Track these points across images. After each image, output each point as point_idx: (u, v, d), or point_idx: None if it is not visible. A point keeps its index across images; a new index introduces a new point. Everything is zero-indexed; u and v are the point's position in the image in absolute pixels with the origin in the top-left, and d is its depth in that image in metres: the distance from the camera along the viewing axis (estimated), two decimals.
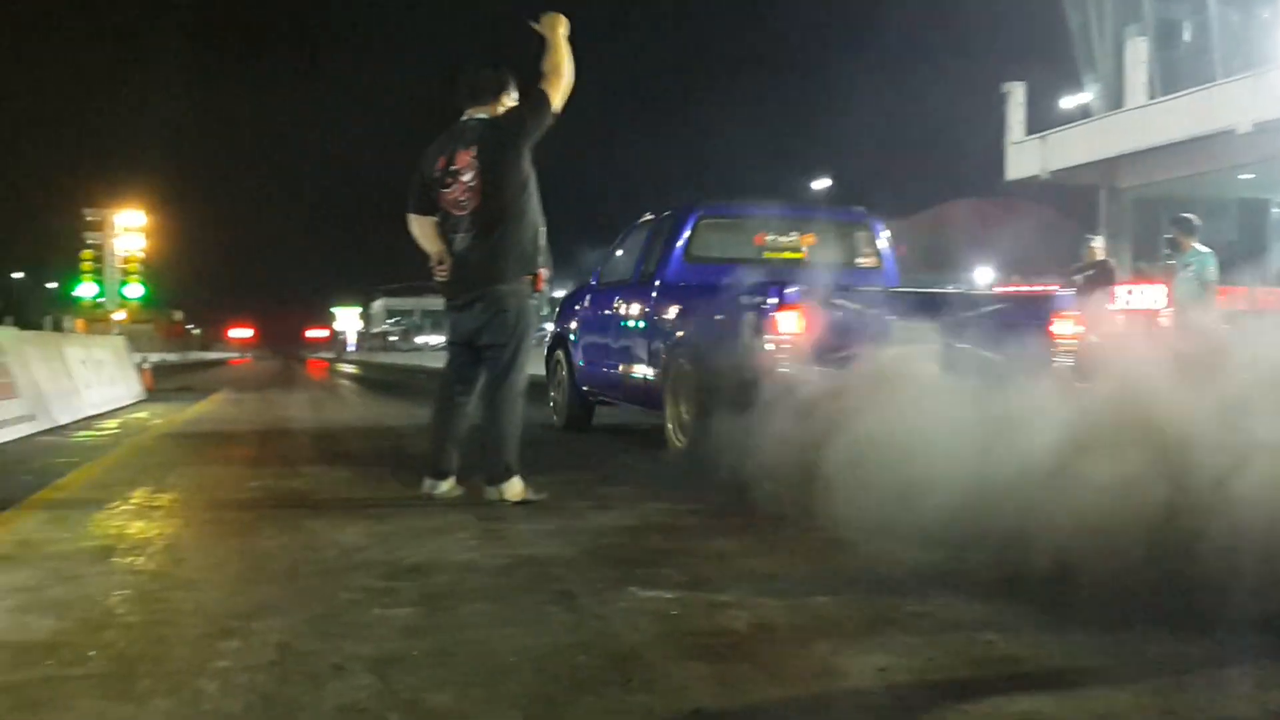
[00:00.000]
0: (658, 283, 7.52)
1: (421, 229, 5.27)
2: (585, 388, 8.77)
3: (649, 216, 8.33)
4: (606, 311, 8.36)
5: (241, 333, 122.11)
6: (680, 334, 6.98)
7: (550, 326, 10.27)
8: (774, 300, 5.93)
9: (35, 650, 2.71)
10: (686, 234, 7.53)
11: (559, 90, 5.08)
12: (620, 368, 7.93)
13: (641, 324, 7.62)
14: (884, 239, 8.00)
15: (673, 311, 7.21)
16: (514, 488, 5.05)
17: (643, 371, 7.50)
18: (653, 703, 2.38)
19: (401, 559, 3.84)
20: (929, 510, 3.85)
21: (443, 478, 5.21)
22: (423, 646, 2.77)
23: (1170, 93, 19.55)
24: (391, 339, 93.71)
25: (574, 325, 9.03)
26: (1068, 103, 25.02)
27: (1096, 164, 21.08)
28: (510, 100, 5.24)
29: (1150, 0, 21.45)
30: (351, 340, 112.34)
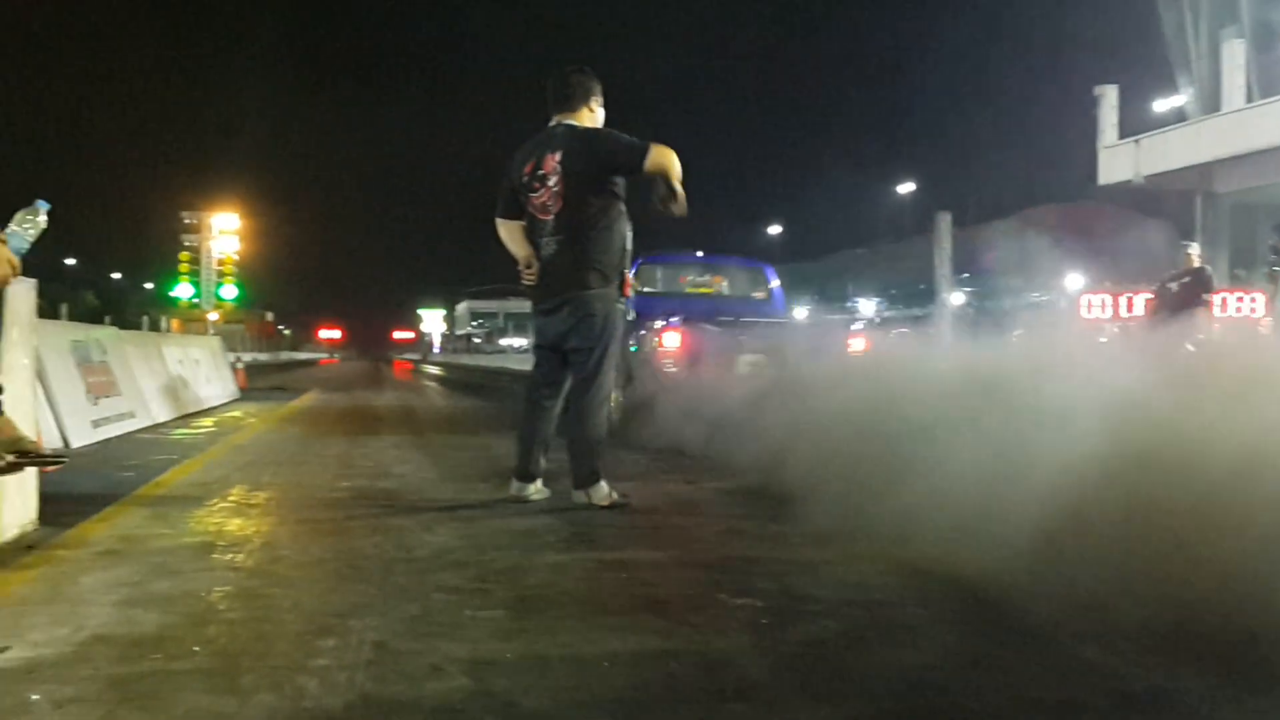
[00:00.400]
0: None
1: (509, 233, 5.31)
2: None
3: None
4: None
5: (330, 334, 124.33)
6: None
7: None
8: (664, 324, 9.11)
9: (142, 644, 2.77)
10: (631, 274, 8.19)
11: (662, 160, 5.00)
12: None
13: None
14: (774, 280, 11.19)
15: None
16: (600, 491, 5.07)
17: None
18: (748, 712, 2.37)
19: (491, 561, 3.87)
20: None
21: (530, 480, 5.24)
22: (516, 649, 2.79)
23: (1269, 96, 19.01)
24: (475, 341, 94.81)
25: None
26: (1161, 106, 24.47)
27: (1192, 169, 20.58)
28: (597, 106, 5.26)
29: (1248, 2, 20.89)
30: (436, 342, 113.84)
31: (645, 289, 10.43)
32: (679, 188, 5.03)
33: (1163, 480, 3.48)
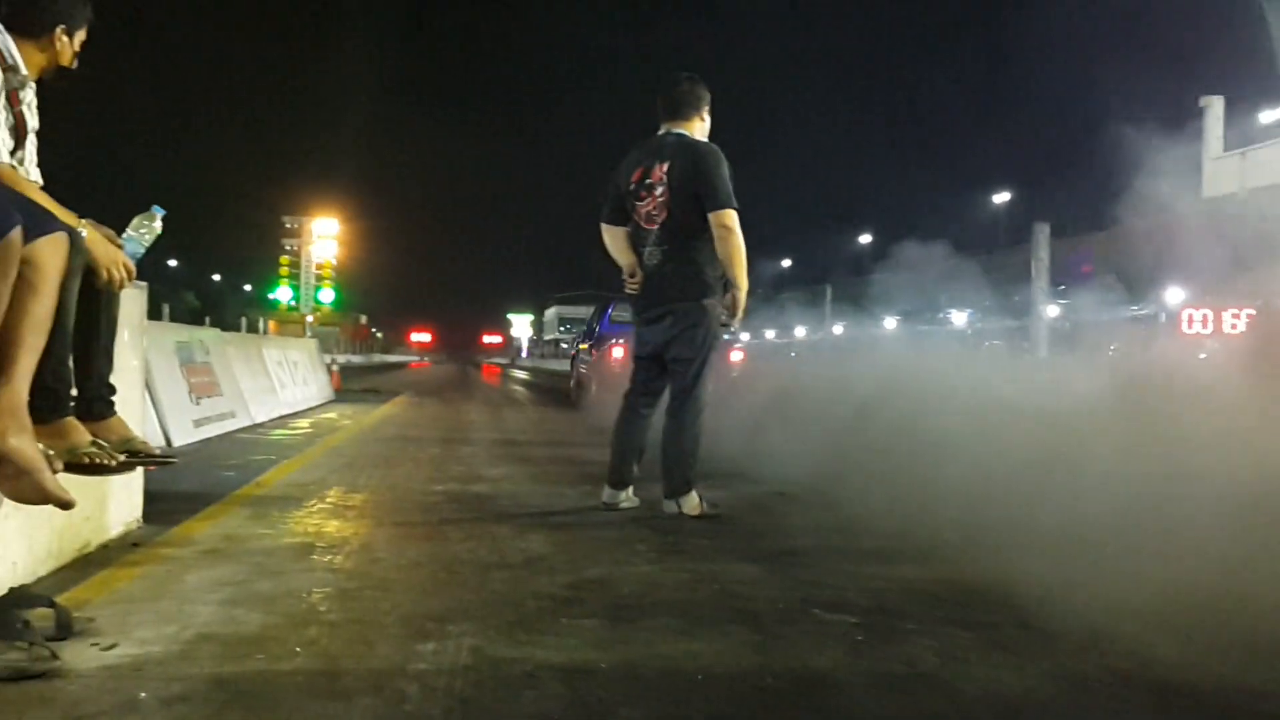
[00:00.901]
0: (595, 331, 16.80)
1: (613, 239, 5.35)
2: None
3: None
4: (581, 345, 18.31)
5: (421, 337, 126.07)
6: (585, 356, 17.02)
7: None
8: (613, 342, 14.20)
9: (246, 643, 2.83)
10: (610, 309, 16.48)
11: (728, 232, 5.04)
12: (578, 370, 17.84)
13: (583, 350, 17.67)
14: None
15: (588, 345, 16.95)
16: (691, 501, 5.06)
17: (575, 372, 18.24)
18: None
19: (585, 569, 3.88)
20: None
21: (622, 488, 5.25)
22: (610, 659, 2.79)
23: None
24: (563, 346, 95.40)
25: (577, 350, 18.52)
26: (1268, 117, 23.75)
27: None
28: (707, 115, 5.30)
29: None
30: (524, 347, 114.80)
31: (617, 319, 15.60)
32: (739, 290, 5.11)
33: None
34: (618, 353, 13.36)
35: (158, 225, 3.72)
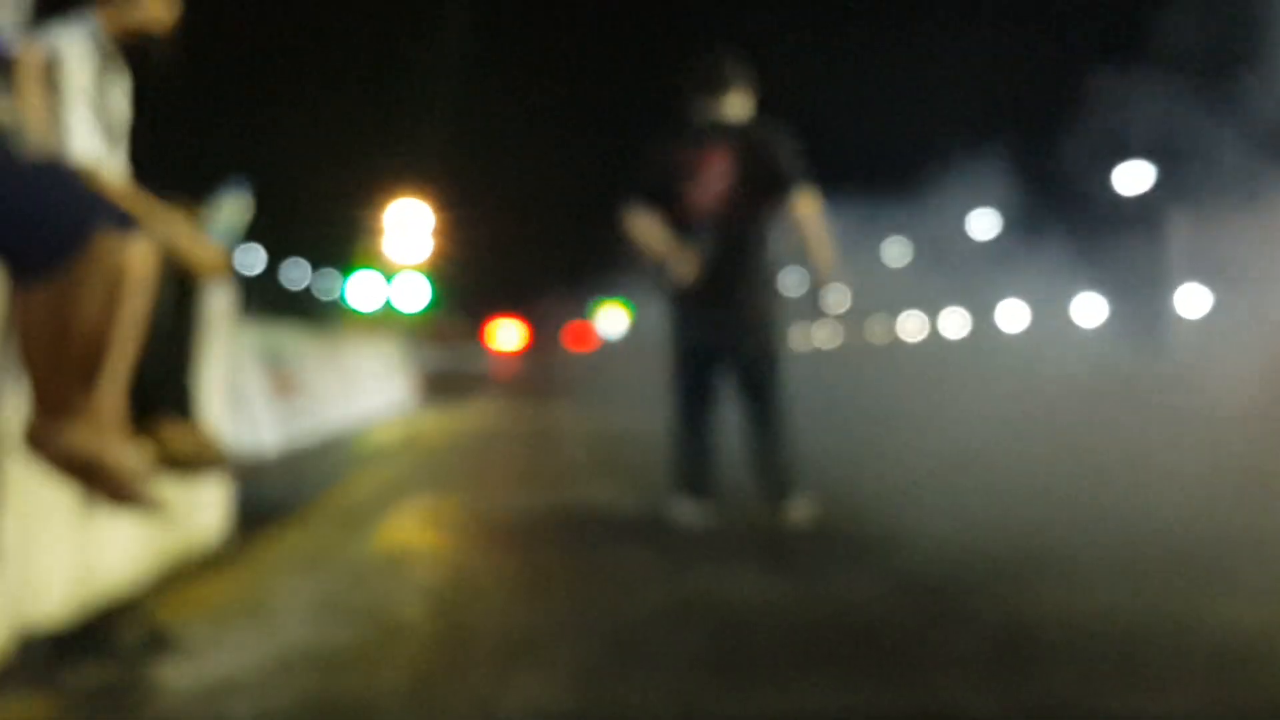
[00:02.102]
0: None
1: (650, 224, 5.13)
2: None
3: None
4: None
5: (509, 338, 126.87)
6: None
7: None
8: None
9: (340, 659, 2.88)
10: None
11: (811, 214, 5.05)
12: None
13: None
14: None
15: None
16: (805, 505, 5.03)
17: None
18: None
19: (687, 584, 3.87)
20: None
21: (700, 496, 5.16)
22: (720, 680, 2.78)
23: None
24: None
25: None
26: None
27: None
28: (751, 94, 5.23)
29: None
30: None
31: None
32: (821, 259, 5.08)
33: None
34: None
35: (246, 202, 3.68)
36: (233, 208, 3.66)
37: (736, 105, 5.18)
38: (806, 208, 5.03)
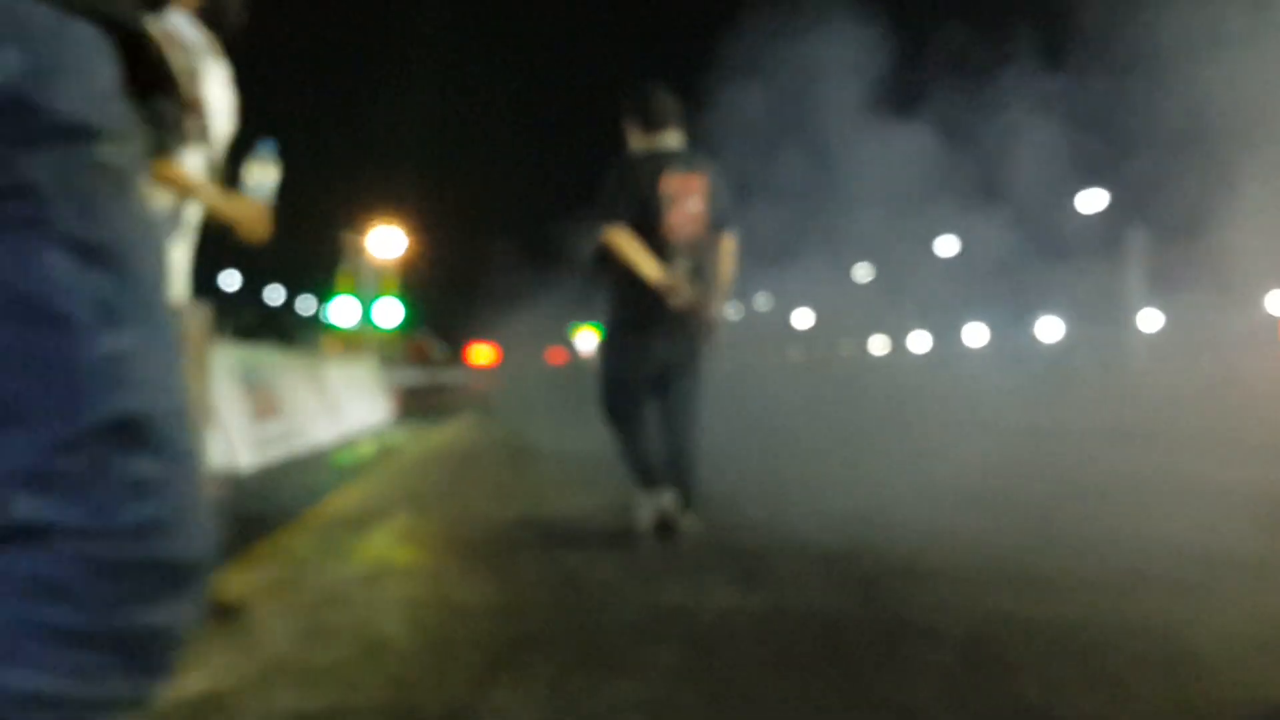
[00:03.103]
0: None
1: (632, 243, 5.10)
2: None
3: None
4: None
5: (482, 352, 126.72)
6: None
7: None
8: None
9: (319, 675, 2.87)
10: None
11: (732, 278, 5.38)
12: None
13: None
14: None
15: None
16: (689, 519, 5.20)
17: None
18: None
19: (660, 597, 3.87)
20: None
21: (661, 487, 5.26)
22: (692, 692, 2.78)
23: None
24: None
25: None
26: None
27: None
28: (683, 128, 5.39)
29: None
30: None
31: None
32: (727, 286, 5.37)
33: None
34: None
35: (276, 161, 3.67)
36: (264, 167, 3.66)
37: (674, 136, 5.26)
38: (733, 242, 5.31)
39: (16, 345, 1.03)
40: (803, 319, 56.32)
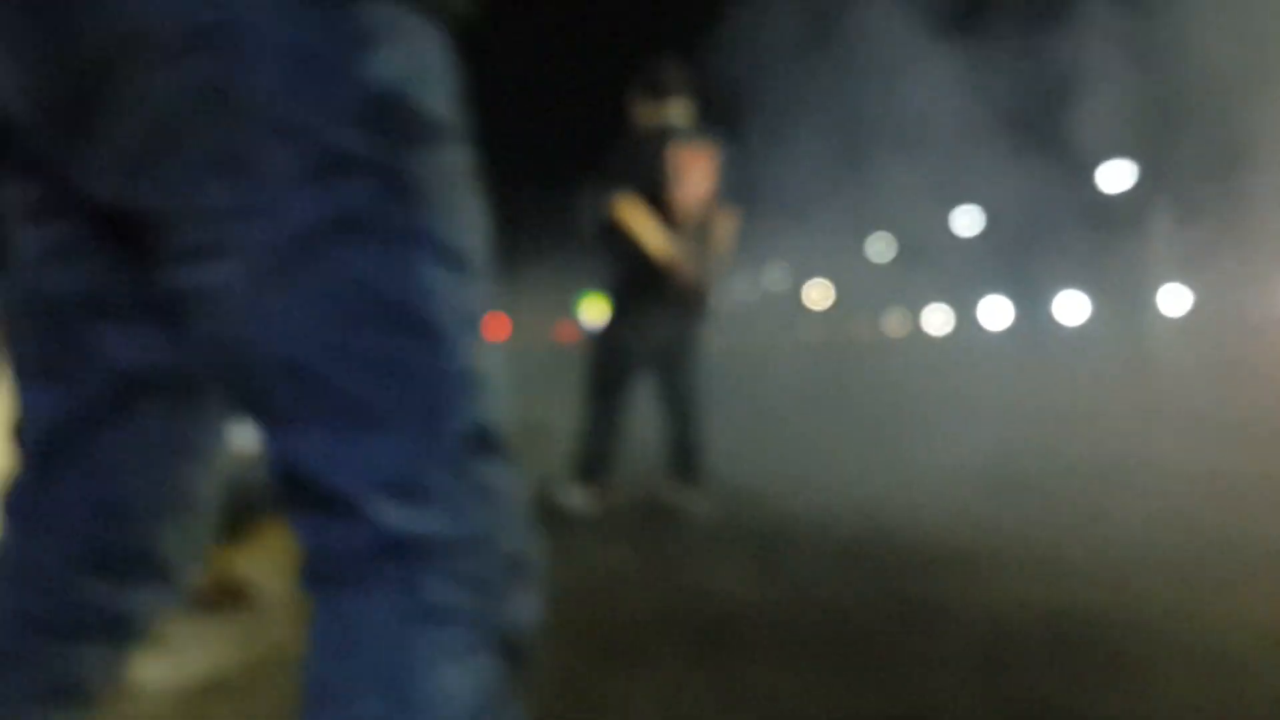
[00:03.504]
0: None
1: (642, 217, 5.06)
2: None
3: None
4: None
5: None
6: None
7: None
8: None
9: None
10: None
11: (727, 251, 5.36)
12: None
13: None
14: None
15: None
16: (694, 500, 5.28)
17: None
18: None
19: (671, 586, 3.87)
20: None
21: (602, 480, 5.34)
22: (704, 682, 2.78)
23: None
24: None
25: None
26: None
27: None
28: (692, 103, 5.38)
29: None
30: None
31: None
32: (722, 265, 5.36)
33: None
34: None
35: None
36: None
37: (682, 111, 5.23)
38: (732, 221, 5.28)
39: (387, 352, 1.04)
40: (819, 295, 56.17)
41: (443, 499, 1.06)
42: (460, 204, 1.10)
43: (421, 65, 1.08)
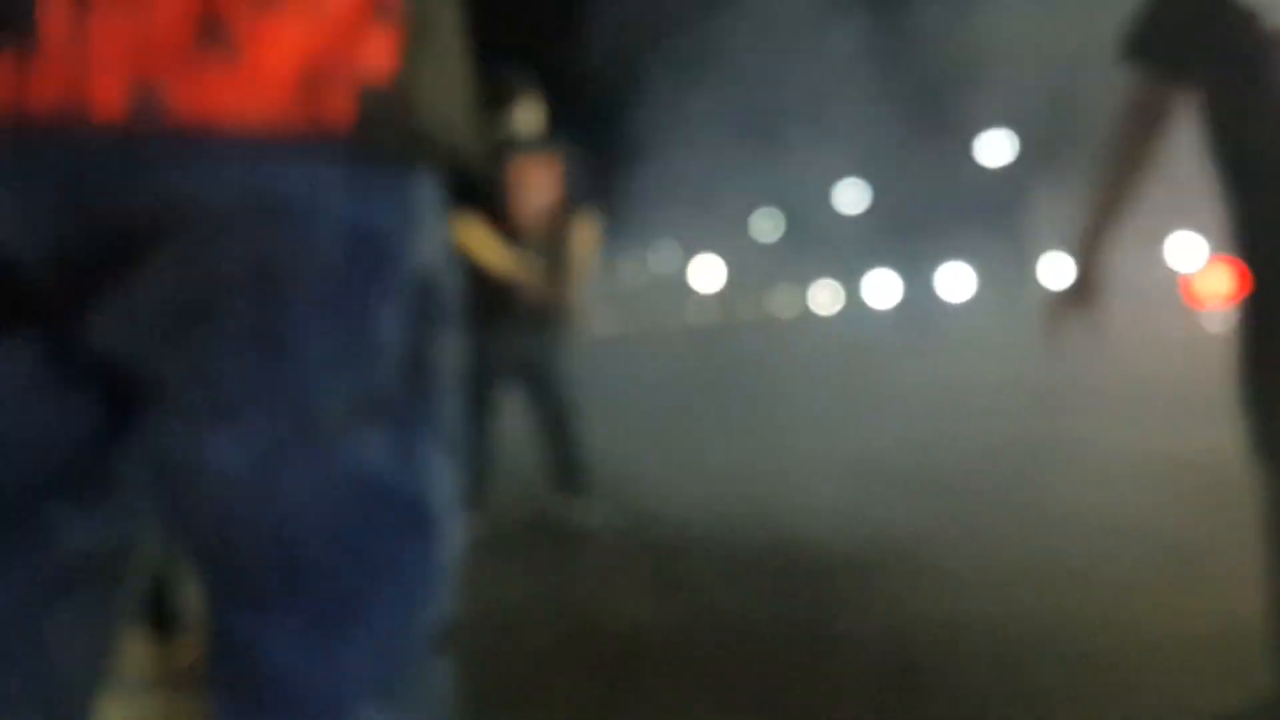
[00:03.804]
0: None
1: (480, 235, 5.03)
2: None
3: None
4: None
5: None
6: None
7: None
8: None
9: None
10: None
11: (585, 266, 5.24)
12: None
13: None
14: None
15: None
16: (586, 511, 5.22)
17: None
18: None
19: (566, 613, 3.81)
20: None
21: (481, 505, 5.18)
22: (608, 709, 2.74)
23: None
24: None
25: None
26: None
27: None
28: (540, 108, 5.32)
29: None
30: None
31: None
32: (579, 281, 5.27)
33: None
34: None
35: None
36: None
37: (528, 118, 5.15)
38: (590, 230, 5.18)
39: (385, 543, 1.00)
40: (706, 276, 56.31)
41: (408, 701, 1.02)
42: (454, 385, 1.06)
43: (445, 239, 1.05)
